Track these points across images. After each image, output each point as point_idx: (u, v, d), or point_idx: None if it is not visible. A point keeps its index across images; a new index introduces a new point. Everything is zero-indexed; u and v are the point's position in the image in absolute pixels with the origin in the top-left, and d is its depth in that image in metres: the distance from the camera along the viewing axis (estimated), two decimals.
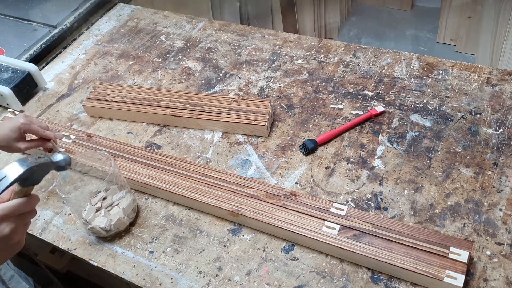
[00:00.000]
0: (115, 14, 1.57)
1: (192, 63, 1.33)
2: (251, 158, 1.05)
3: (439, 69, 1.19)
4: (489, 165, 0.97)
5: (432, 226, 0.88)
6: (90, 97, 1.21)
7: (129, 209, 0.94)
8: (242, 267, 0.87)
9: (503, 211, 0.89)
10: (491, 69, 1.16)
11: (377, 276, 0.83)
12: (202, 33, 1.42)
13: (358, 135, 1.06)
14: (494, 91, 1.11)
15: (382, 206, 0.93)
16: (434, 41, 2.57)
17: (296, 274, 0.85)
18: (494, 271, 0.81)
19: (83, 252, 0.94)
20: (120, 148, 1.07)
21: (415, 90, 1.15)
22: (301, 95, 1.18)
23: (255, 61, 1.30)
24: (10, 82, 1.26)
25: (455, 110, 1.09)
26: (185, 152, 1.08)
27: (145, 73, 1.32)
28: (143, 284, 0.87)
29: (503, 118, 1.05)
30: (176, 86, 1.26)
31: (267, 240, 0.90)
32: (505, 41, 1.95)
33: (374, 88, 1.17)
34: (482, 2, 2.16)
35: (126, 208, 0.93)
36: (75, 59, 1.42)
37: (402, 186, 0.95)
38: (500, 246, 0.84)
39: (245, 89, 1.22)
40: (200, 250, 0.90)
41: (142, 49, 1.40)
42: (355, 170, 1.00)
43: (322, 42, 1.33)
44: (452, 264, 0.79)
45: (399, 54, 1.25)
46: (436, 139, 1.03)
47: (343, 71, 1.23)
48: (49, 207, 1.03)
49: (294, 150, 1.05)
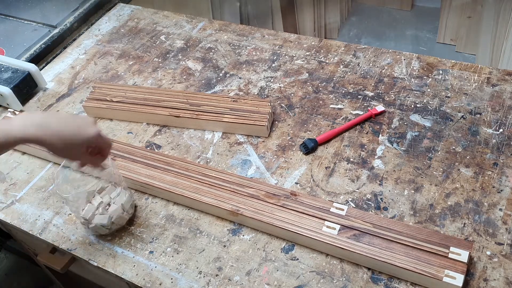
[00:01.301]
0: (115, 14, 1.57)
1: (192, 63, 1.33)
2: (251, 158, 1.05)
3: (439, 69, 1.19)
4: (489, 165, 0.97)
5: (432, 226, 0.88)
6: (90, 97, 1.21)
7: (127, 205, 0.95)
8: (242, 267, 0.87)
9: (503, 211, 0.89)
10: (491, 69, 1.16)
11: (377, 276, 0.83)
12: (202, 33, 1.42)
13: (358, 135, 1.06)
14: (494, 91, 1.11)
15: (382, 206, 0.93)
16: (434, 41, 2.57)
17: (296, 274, 0.85)
18: (494, 271, 0.81)
19: (83, 252, 0.94)
20: (120, 148, 1.07)
21: (415, 90, 1.15)
22: (301, 95, 1.18)
23: (255, 61, 1.30)
24: (10, 82, 1.26)
25: (455, 110, 1.09)
26: (185, 152, 1.08)
27: (145, 73, 1.32)
28: (143, 284, 0.87)
29: (503, 118, 1.05)
30: (176, 86, 1.26)
31: (267, 240, 0.90)
32: (505, 41, 1.95)
33: (374, 88, 1.17)
34: (482, 2, 2.16)
35: (125, 204, 0.94)
36: (75, 59, 1.42)
37: (402, 186, 0.96)
38: (500, 246, 0.84)
39: (245, 89, 1.22)
40: (200, 250, 0.90)
41: (142, 49, 1.40)
42: (355, 170, 1.00)
43: (322, 42, 1.33)
44: (452, 264, 0.79)
45: (399, 54, 1.25)
46: (436, 139, 1.03)
47: (343, 71, 1.23)
48: (49, 207, 1.03)
49: (294, 150, 1.05)
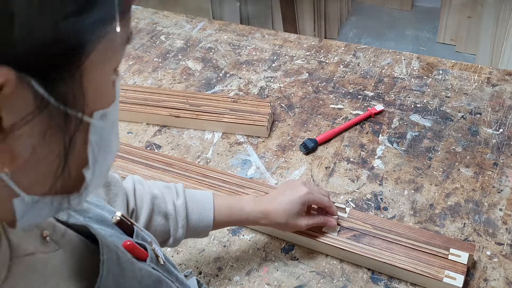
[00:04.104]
0: None
1: (192, 63, 1.33)
2: (251, 158, 1.05)
3: (439, 69, 1.19)
4: (489, 165, 0.97)
5: (432, 226, 0.88)
6: None
7: None
8: (242, 267, 0.87)
9: (503, 211, 0.89)
10: (491, 69, 1.16)
11: (377, 276, 0.83)
12: (202, 33, 1.42)
13: (358, 135, 1.06)
14: (494, 91, 1.11)
15: (382, 206, 0.93)
16: (434, 41, 2.57)
17: (296, 274, 0.84)
18: (494, 271, 0.81)
19: None
20: (120, 148, 1.07)
21: (415, 90, 1.15)
22: (301, 95, 1.18)
23: (255, 61, 1.30)
24: None
25: (455, 110, 1.09)
26: (185, 152, 1.08)
27: (145, 73, 1.32)
28: None
29: (503, 118, 1.05)
30: (176, 86, 1.26)
31: (267, 240, 0.90)
32: (505, 41, 1.95)
33: (374, 88, 1.16)
34: (482, 2, 2.17)
35: None
36: None
37: (402, 186, 0.95)
38: (500, 246, 0.84)
39: (245, 89, 1.22)
40: (200, 250, 0.90)
41: (142, 49, 1.40)
42: (355, 170, 1.00)
43: (322, 42, 1.33)
44: (452, 265, 0.79)
45: (399, 54, 1.25)
46: (436, 139, 1.03)
47: (343, 71, 1.23)
48: None
49: (294, 150, 1.05)
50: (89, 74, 0.31)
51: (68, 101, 0.31)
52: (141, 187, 0.73)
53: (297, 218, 0.79)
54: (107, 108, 0.35)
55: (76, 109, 0.32)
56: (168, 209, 0.73)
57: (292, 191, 0.79)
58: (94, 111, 0.33)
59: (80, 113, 0.32)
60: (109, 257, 0.40)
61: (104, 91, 0.34)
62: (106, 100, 0.35)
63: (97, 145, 0.35)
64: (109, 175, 0.68)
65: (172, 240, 0.74)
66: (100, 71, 0.33)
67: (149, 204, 0.71)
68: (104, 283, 0.39)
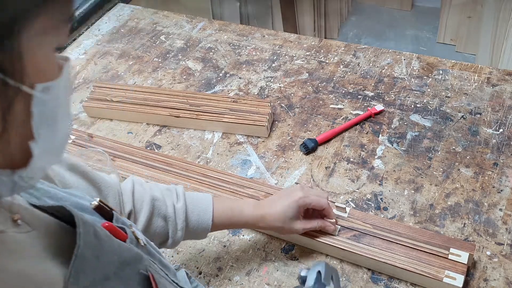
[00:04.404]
0: (115, 14, 1.57)
1: (192, 63, 1.33)
2: (251, 158, 1.05)
3: (439, 69, 1.19)
4: (489, 165, 0.97)
5: (432, 226, 0.88)
6: (90, 97, 1.21)
7: None
8: (242, 267, 0.87)
9: (503, 211, 0.89)
10: (491, 69, 1.16)
11: (377, 276, 0.83)
12: (202, 33, 1.42)
13: (358, 135, 1.06)
14: (494, 91, 1.11)
15: (382, 206, 0.93)
16: (434, 41, 2.57)
17: (296, 274, 0.84)
18: (494, 271, 0.81)
19: None
20: (120, 148, 1.07)
21: (415, 90, 1.15)
22: (301, 95, 1.18)
23: (255, 61, 1.30)
24: None
25: (455, 110, 1.09)
26: (185, 152, 1.08)
27: (145, 73, 1.32)
28: None
29: (503, 118, 1.05)
30: (176, 86, 1.26)
31: (267, 240, 0.90)
32: (505, 41, 1.95)
33: (374, 88, 1.17)
34: (482, 2, 2.16)
35: None
36: (75, 59, 1.42)
37: (402, 186, 0.95)
38: (500, 246, 0.84)
39: (245, 89, 1.22)
40: (200, 250, 0.90)
41: (142, 49, 1.40)
42: (355, 170, 1.00)
43: (322, 42, 1.33)
44: (452, 265, 0.79)
45: (399, 54, 1.25)
46: (436, 139, 1.03)
47: (343, 71, 1.23)
48: None
49: (294, 150, 1.05)
50: (28, 46, 0.33)
51: (5, 68, 0.32)
52: (141, 188, 0.73)
53: (293, 222, 0.80)
54: (50, 82, 0.36)
55: (14, 77, 0.33)
56: (168, 211, 0.73)
57: (288, 196, 0.80)
58: (36, 83, 0.35)
59: (18, 82, 0.33)
60: (86, 231, 0.41)
61: (46, 65, 0.36)
62: (48, 74, 0.36)
63: (40, 118, 0.36)
64: (98, 176, 0.68)
65: (171, 241, 0.75)
66: (40, 45, 0.34)
67: (149, 206, 0.72)
68: (81, 254, 0.39)
